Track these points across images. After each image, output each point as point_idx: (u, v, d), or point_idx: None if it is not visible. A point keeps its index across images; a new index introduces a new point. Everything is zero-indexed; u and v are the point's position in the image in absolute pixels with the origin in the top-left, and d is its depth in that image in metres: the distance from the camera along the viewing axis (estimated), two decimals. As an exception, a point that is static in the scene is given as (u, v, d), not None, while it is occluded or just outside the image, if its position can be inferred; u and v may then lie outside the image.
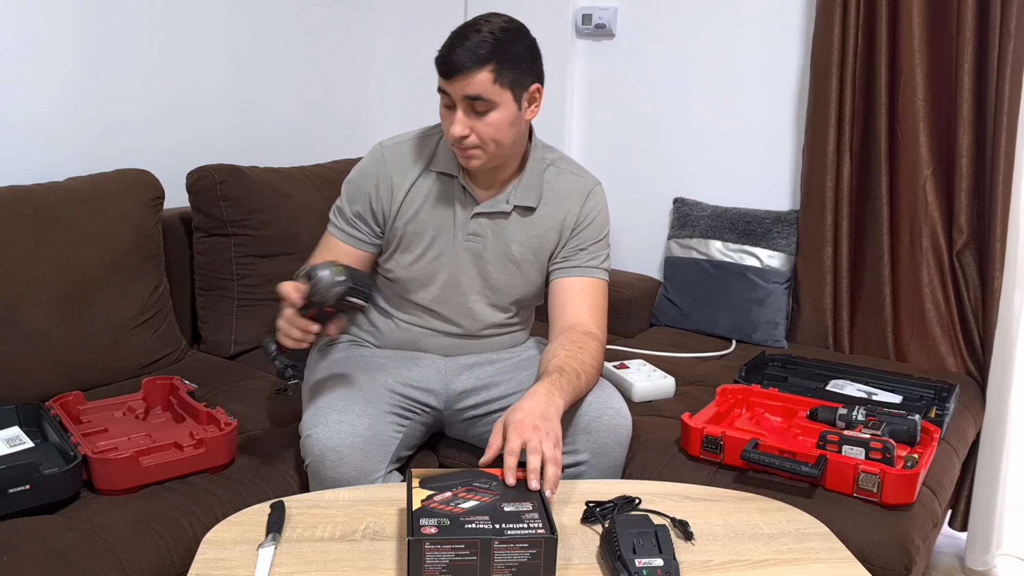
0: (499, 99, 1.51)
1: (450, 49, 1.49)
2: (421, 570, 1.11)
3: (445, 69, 1.50)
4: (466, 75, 1.48)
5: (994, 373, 2.10)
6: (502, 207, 1.66)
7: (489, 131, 1.53)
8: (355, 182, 1.69)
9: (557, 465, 1.29)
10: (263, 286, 2.15)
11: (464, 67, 1.48)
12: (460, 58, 1.48)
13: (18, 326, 1.71)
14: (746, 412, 1.84)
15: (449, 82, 1.50)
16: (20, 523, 1.33)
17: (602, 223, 1.73)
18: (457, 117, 1.52)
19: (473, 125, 1.52)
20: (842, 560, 1.26)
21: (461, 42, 1.48)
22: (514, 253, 1.68)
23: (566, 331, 1.61)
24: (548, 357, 1.54)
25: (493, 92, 1.50)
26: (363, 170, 1.69)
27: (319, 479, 1.47)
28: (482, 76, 1.48)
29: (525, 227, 1.68)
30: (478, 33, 1.49)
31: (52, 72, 2.00)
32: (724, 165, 2.60)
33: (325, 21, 2.62)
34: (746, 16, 2.50)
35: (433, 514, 1.16)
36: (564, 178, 1.71)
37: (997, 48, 2.07)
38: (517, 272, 1.70)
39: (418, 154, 1.68)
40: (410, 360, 1.72)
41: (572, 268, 1.69)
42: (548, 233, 1.69)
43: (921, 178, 2.23)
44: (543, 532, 1.14)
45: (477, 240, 1.67)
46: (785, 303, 2.43)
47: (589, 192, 1.71)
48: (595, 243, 1.70)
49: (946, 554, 2.27)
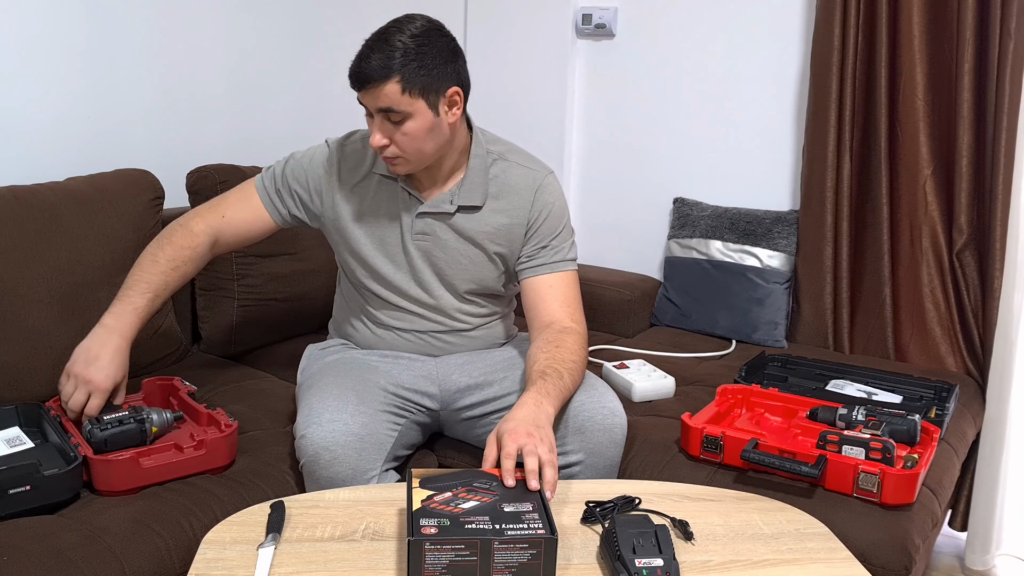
0: (411, 108, 1.50)
1: (358, 62, 1.49)
2: (421, 570, 1.11)
3: (354, 82, 1.51)
4: (374, 87, 1.48)
5: (994, 373, 2.10)
6: (445, 207, 1.66)
7: (406, 140, 1.53)
8: (304, 167, 1.71)
9: (554, 468, 1.29)
10: (263, 286, 2.15)
11: (371, 79, 1.48)
12: (366, 71, 1.48)
13: (18, 326, 1.71)
14: (746, 412, 1.84)
15: (361, 94, 1.51)
16: (20, 523, 1.33)
17: (558, 215, 1.71)
18: (374, 127, 1.54)
19: (391, 135, 1.53)
20: (842, 560, 1.26)
21: (368, 54, 1.48)
22: (466, 250, 1.69)
23: (543, 331, 1.62)
24: (530, 363, 1.54)
25: (404, 103, 1.50)
26: (312, 158, 1.71)
27: (314, 479, 1.47)
28: (390, 88, 1.48)
29: (474, 223, 1.68)
30: (386, 43, 1.48)
31: (52, 72, 2.00)
32: (724, 165, 2.60)
33: (325, 21, 2.62)
34: (746, 16, 2.50)
35: (433, 514, 1.16)
36: (513, 172, 1.70)
37: (997, 48, 2.07)
38: (471, 267, 1.71)
39: (361, 156, 1.70)
40: (402, 363, 1.73)
41: (538, 266, 1.69)
42: (499, 230, 1.69)
43: (921, 178, 2.23)
44: (543, 532, 1.14)
45: (425, 239, 1.68)
46: (785, 303, 2.43)
47: (539, 187, 1.70)
48: (555, 237, 1.70)
49: (946, 554, 2.27)
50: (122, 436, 1.48)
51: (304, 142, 2.62)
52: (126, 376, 1.57)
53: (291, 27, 2.53)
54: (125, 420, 1.50)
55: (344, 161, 1.70)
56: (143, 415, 1.52)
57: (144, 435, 1.51)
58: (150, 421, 1.52)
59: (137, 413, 1.52)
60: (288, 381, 1.97)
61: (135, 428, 1.50)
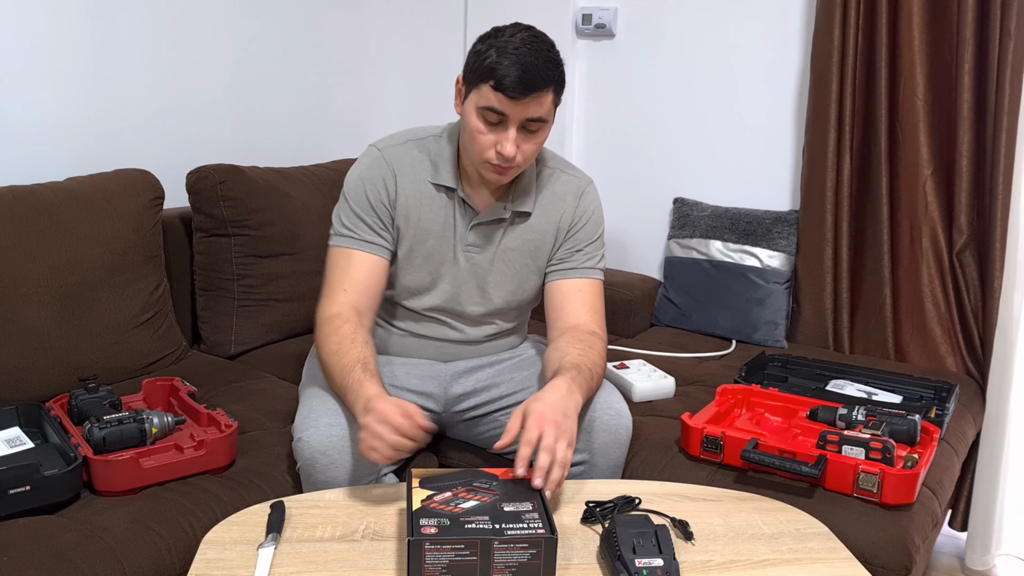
0: (550, 117, 1.51)
1: (523, 70, 1.42)
2: (421, 570, 1.11)
3: (517, 91, 1.42)
4: (538, 96, 1.44)
5: (994, 373, 2.10)
6: (500, 214, 1.64)
7: (533, 149, 1.51)
8: (362, 188, 1.60)
9: (564, 468, 1.28)
10: (263, 286, 2.15)
11: (538, 87, 1.43)
12: (535, 80, 1.42)
13: (18, 326, 1.71)
14: (746, 412, 1.84)
15: (516, 103, 1.44)
16: (20, 523, 1.33)
17: (596, 222, 1.71)
18: (509, 137, 1.47)
19: (520, 144, 1.49)
20: (842, 560, 1.26)
21: (531, 64, 1.42)
22: (512, 260, 1.67)
23: (568, 331, 1.60)
24: (559, 355, 1.52)
25: (550, 112, 1.49)
26: (366, 174, 1.61)
27: (311, 482, 1.46)
28: (548, 97, 1.47)
29: (522, 232, 1.67)
30: (541, 53, 1.44)
31: (53, 72, 2.00)
32: (724, 165, 2.60)
33: (325, 21, 2.62)
34: (746, 16, 2.50)
35: (433, 514, 1.16)
36: (557, 178, 1.69)
37: (997, 48, 2.07)
38: (515, 279, 1.69)
39: (414, 162, 1.63)
40: (406, 365, 1.72)
41: (569, 270, 1.68)
42: (544, 236, 1.68)
43: (921, 178, 2.23)
44: (543, 532, 1.14)
45: (476, 250, 1.65)
46: (785, 303, 2.43)
47: (583, 192, 1.70)
48: (590, 243, 1.69)
49: (946, 554, 2.27)
50: (121, 436, 1.48)
51: (304, 142, 2.65)
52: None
53: (291, 27, 2.53)
54: (125, 420, 1.51)
55: (399, 161, 1.62)
56: (143, 416, 1.52)
57: (144, 436, 1.51)
58: (150, 422, 1.53)
59: (138, 414, 1.53)
60: (288, 381, 1.97)
61: (134, 428, 1.50)
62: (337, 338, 1.49)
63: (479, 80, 1.46)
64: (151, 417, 1.53)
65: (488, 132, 1.49)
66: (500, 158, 1.49)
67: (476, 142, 1.50)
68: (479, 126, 1.49)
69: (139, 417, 1.52)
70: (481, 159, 1.52)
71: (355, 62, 2.75)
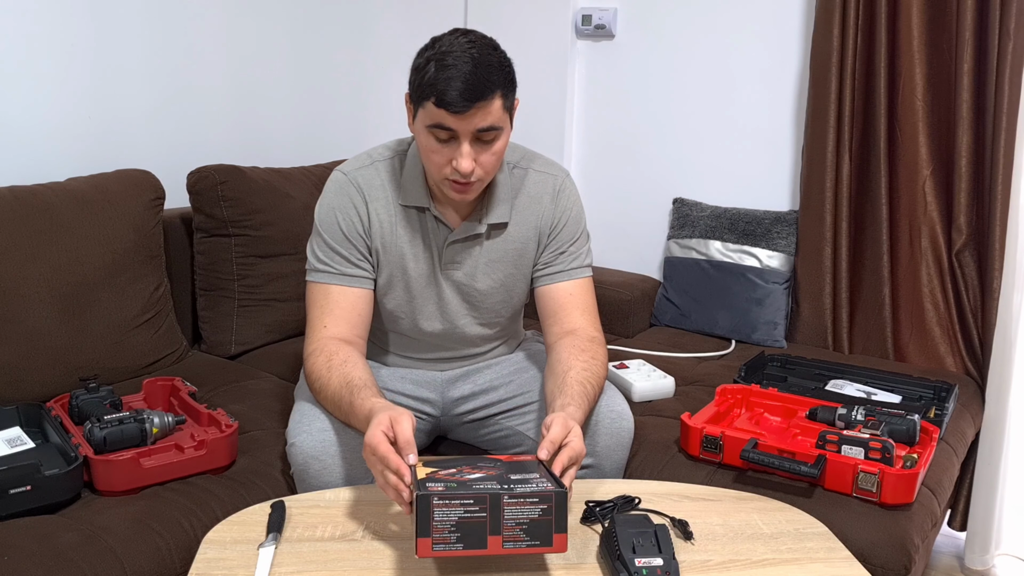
0: (504, 123, 1.42)
1: (460, 83, 1.35)
2: (430, 528, 1.07)
3: (459, 104, 1.35)
4: (483, 106, 1.37)
5: (993, 373, 2.10)
6: (476, 230, 1.58)
7: (492, 160, 1.44)
8: (334, 218, 1.55)
9: (576, 467, 1.27)
10: (264, 286, 2.16)
11: (481, 97, 1.36)
12: (476, 89, 1.35)
13: (18, 326, 1.71)
14: (745, 412, 1.84)
15: (462, 117, 1.37)
16: (21, 523, 1.33)
17: (577, 220, 1.65)
18: (463, 152, 1.40)
19: (477, 157, 1.42)
20: (841, 560, 1.26)
21: (470, 73, 1.35)
22: (496, 272, 1.62)
23: (566, 336, 1.57)
24: (562, 367, 1.48)
25: (503, 118, 1.41)
26: (336, 203, 1.56)
27: (305, 487, 1.46)
28: (496, 103, 1.39)
29: (502, 243, 1.61)
30: (480, 60, 1.36)
31: (53, 72, 2.00)
32: (724, 165, 2.60)
33: (325, 22, 2.62)
34: (746, 16, 2.50)
35: (440, 481, 1.13)
36: (531, 179, 1.62)
37: (997, 48, 2.08)
38: (503, 290, 1.65)
39: (384, 184, 1.57)
40: (401, 370, 1.71)
41: (557, 273, 1.63)
42: (526, 244, 1.63)
43: (920, 178, 2.23)
44: (552, 487, 1.11)
45: (456, 267, 1.60)
46: (784, 303, 2.43)
47: (559, 190, 1.63)
48: (573, 243, 1.64)
49: (945, 554, 2.27)
50: (121, 436, 1.49)
51: (304, 142, 2.65)
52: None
53: (291, 28, 2.53)
54: (125, 420, 1.51)
55: (368, 185, 1.57)
56: (144, 415, 1.53)
57: (144, 435, 1.51)
58: (150, 422, 1.53)
59: (138, 414, 1.53)
60: (288, 381, 1.97)
61: (134, 428, 1.50)
62: (315, 375, 1.47)
63: (422, 97, 1.40)
64: (152, 417, 1.54)
65: (441, 149, 1.42)
66: (457, 174, 1.42)
67: (431, 161, 1.45)
68: (431, 144, 1.42)
69: (140, 417, 1.52)
70: (439, 177, 1.45)
71: (355, 62, 2.75)
